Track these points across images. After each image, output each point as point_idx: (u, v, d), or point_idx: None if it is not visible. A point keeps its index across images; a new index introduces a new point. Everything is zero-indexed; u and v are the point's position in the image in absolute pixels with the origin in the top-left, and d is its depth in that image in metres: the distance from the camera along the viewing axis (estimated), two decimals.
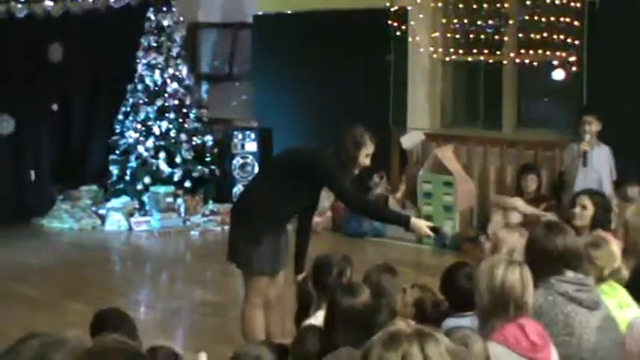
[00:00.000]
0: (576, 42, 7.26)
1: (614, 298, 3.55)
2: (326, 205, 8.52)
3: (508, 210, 7.13)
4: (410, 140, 8.30)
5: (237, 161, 9.16)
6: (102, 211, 8.89)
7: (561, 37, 7.36)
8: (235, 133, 9.21)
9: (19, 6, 8.37)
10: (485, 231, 6.72)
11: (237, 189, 9.11)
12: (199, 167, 9.03)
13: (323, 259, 4.14)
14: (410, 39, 8.27)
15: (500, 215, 7.21)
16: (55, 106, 9.10)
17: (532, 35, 7.58)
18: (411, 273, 6.42)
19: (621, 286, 3.65)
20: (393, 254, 7.37)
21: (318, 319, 3.65)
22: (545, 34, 7.46)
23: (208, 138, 9.19)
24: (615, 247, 3.82)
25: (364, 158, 4.63)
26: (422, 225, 4.52)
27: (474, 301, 3.17)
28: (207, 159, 9.16)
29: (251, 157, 9.19)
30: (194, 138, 9.07)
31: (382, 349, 1.90)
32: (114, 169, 9.06)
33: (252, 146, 9.18)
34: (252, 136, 9.17)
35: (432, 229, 4.52)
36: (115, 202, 8.87)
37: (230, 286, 6.80)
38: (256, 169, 9.12)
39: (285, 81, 9.08)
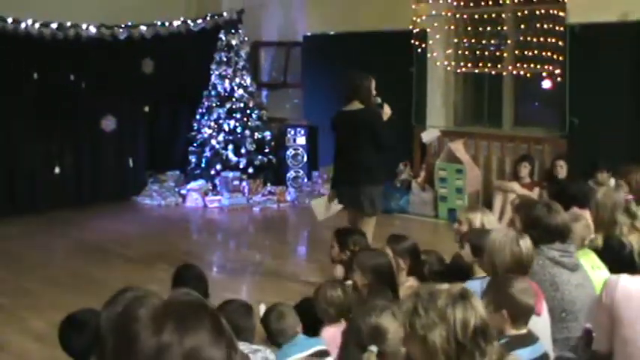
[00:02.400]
0: (560, 58, 7.28)
1: (589, 261, 3.60)
2: None
3: (507, 192, 7.22)
4: (428, 136, 8.33)
5: (290, 152, 9.24)
6: (183, 192, 8.91)
7: (549, 53, 7.39)
8: (288, 129, 9.27)
9: (121, 30, 8.68)
10: (491, 209, 6.72)
11: (290, 174, 9.18)
12: (260, 157, 9.10)
13: (345, 229, 4.36)
14: (429, 55, 8.28)
15: (500, 196, 7.34)
16: (147, 109, 9.24)
17: (526, 52, 7.60)
18: (430, 239, 6.33)
19: (594, 252, 3.71)
20: (415, 227, 7.41)
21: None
22: (536, 51, 7.48)
23: (267, 133, 9.23)
24: (590, 221, 3.91)
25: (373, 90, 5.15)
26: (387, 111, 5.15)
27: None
28: (266, 150, 9.21)
29: (301, 148, 9.26)
30: (256, 133, 9.12)
31: (431, 302, 1.79)
32: (192, 158, 9.14)
33: (301, 140, 9.26)
34: (302, 132, 9.24)
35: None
36: (193, 184, 8.92)
37: (284, 251, 6.96)
38: (305, 159, 9.15)
39: (328, 88, 8.72)
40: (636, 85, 6.86)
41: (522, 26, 7.62)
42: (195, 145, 9.22)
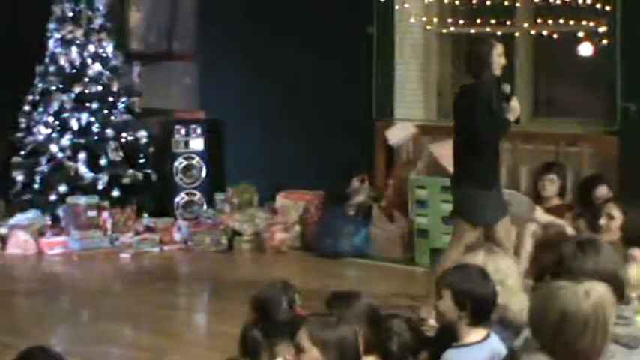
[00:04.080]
0: (607, 7, 7.34)
1: None
2: (293, 217, 8.52)
3: (524, 222, 7.02)
4: (398, 134, 8.35)
5: (179, 163, 9.19)
6: (2, 230, 8.79)
7: (588, 1, 7.46)
8: (177, 127, 9.25)
9: None
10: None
11: (180, 199, 9.25)
12: (130, 172, 9.03)
13: (265, 295, 4.26)
14: (397, 6, 8.31)
15: (513, 229, 7.01)
16: None
17: (551, 0, 7.68)
18: (402, 301, 6.48)
19: None
20: (378, 278, 7.46)
21: None
22: None
23: (142, 134, 9.20)
24: None
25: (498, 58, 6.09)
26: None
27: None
28: (141, 161, 9.17)
29: (197, 157, 9.22)
30: (123, 134, 9.08)
31: None
32: (18, 176, 9.03)
33: (198, 144, 9.24)
34: (199, 130, 9.24)
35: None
36: (20, 218, 8.83)
37: (170, 323, 6.87)
38: (203, 174, 9.25)
39: (239, 60, 9.15)
40: None
41: None
42: (22, 154, 9.15)
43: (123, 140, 9.05)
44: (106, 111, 9.02)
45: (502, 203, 6.25)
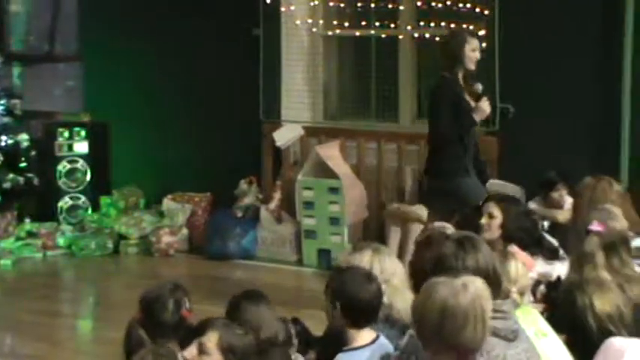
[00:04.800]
0: (486, 11, 7.43)
1: (531, 324, 3.70)
2: (181, 219, 8.46)
3: (409, 221, 7.22)
4: (285, 136, 8.40)
5: (63, 167, 9.08)
6: None
7: (468, 5, 7.55)
8: (60, 130, 9.14)
9: None
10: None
11: (64, 202, 9.09)
12: (11, 176, 8.88)
13: (152, 295, 4.21)
14: (283, 8, 8.34)
15: (399, 227, 7.36)
16: None
17: (433, 4, 7.74)
18: (291, 302, 6.56)
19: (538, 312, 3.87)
20: (266, 279, 7.47)
21: None
22: (448, 2, 7.64)
23: (23, 137, 9.04)
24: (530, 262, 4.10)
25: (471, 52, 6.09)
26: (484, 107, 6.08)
27: None
28: (22, 165, 9.01)
29: (82, 160, 9.12)
30: (3, 137, 8.93)
31: None
32: None
33: (82, 147, 9.14)
34: (83, 133, 9.14)
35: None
36: None
37: (53, 331, 6.77)
38: (88, 178, 9.14)
39: (125, 61, 9.08)
40: (608, 51, 7.05)
41: None
42: None
43: (3, 143, 8.88)
44: None
45: (470, 198, 6.15)
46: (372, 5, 8.08)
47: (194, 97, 8.71)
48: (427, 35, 7.94)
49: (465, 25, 7.60)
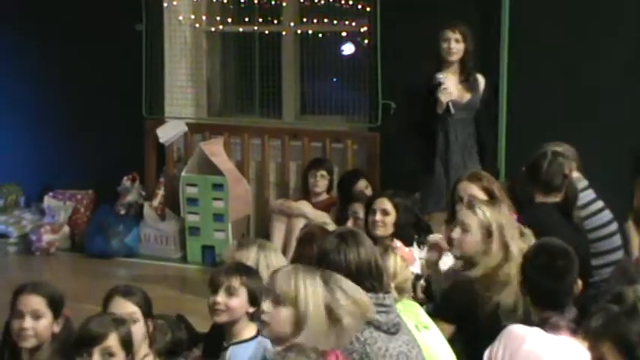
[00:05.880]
0: (368, 8, 7.44)
1: (412, 318, 3.76)
2: (62, 217, 8.31)
3: (293, 216, 7.27)
4: (168, 132, 8.34)
5: None
6: None
7: (350, 2, 7.56)
8: None
9: None
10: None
11: None
12: None
13: None
14: (165, 3, 8.29)
15: (283, 223, 7.37)
16: None
17: (316, 0, 7.78)
18: (175, 295, 6.68)
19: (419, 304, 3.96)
20: (150, 276, 7.45)
21: None
22: None
23: None
24: (410, 255, 4.11)
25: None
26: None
27: None
28: None
29: None
30: None
31: None
32: None
33: None
34: None
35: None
36: None
37: None
38: None
39: (5, 59, 8.83)
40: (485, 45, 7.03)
41: None
42: None
43: None
44: None
45: (437, 192, 6.27)
46: (256, 1, 8.13)
47: (77, 93, 8.50)
48: (310, 32, 7.99)
49: (347, 22, 7.75)
